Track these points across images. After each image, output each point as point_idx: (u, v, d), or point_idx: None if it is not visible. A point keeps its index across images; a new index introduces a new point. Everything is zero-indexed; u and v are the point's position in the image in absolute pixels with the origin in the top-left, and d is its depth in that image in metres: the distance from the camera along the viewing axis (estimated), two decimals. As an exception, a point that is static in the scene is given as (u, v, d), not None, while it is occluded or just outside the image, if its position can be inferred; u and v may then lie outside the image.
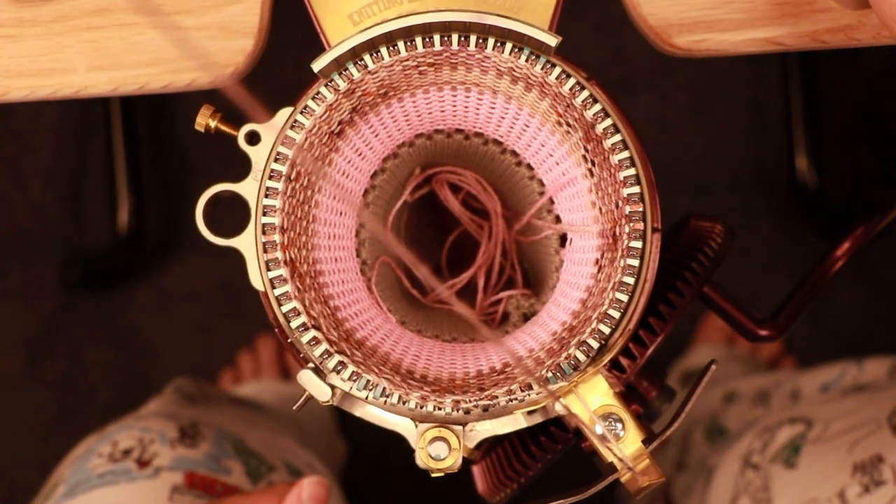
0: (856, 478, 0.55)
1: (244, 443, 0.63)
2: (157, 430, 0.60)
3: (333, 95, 0.39)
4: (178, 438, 0.60)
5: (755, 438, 0.67)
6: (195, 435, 0.61)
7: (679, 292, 0.43)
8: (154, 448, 0.59)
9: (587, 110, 0.39)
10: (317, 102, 0.39)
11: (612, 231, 0.40)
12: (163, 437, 0.60)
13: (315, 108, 0.39)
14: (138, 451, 0.59)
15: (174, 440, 0.60)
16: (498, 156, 0.48)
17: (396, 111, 0.44)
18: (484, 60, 0.40)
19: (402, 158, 0.48)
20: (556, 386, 0.39)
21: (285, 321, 0.39)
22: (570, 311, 0.42)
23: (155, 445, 0.59)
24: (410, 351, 0.43)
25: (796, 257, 1.02)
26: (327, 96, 0.39)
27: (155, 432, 0.60)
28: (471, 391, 0.40)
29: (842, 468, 0.57)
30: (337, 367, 0.39)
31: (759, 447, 0.66)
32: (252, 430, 0.67)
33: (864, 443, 0.57)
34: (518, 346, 0.43)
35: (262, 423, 0.74)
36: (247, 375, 1.01)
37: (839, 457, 0.58)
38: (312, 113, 0.39)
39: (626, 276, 0.39)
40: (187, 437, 0.61)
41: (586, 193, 0.42)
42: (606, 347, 0.39)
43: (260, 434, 0.68)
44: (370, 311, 0.45)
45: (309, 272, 0.41)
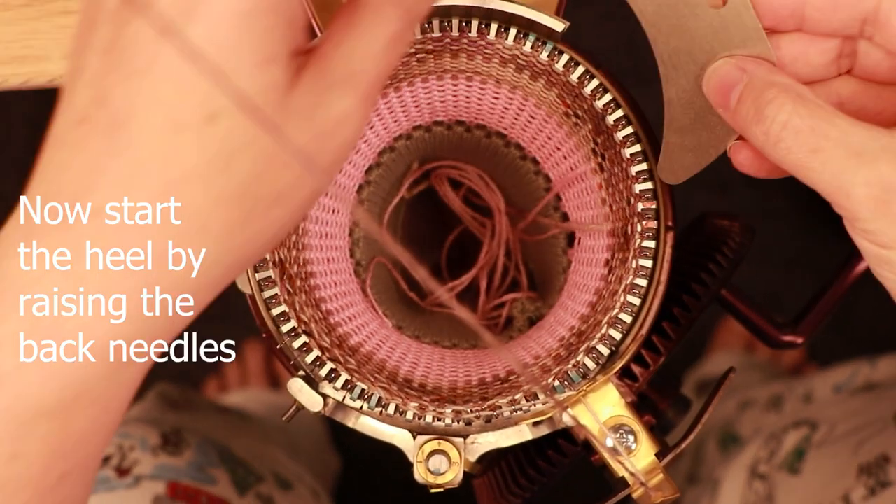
0: (861, 480, 0.55)
1: (230, 451, 0.63)
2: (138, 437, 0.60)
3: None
4: (161, 445, 0.60)
5: (762, 446, 0.67)
6: (178, 442, 0.61)
7: (695, 295, 0.43)
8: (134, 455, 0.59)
9: (597, 101, 0.39)
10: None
11: (623, 230, 0.40)
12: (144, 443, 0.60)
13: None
14: (117, 459, 0.59)
15: (156, 447, 0.60)
16: (502, 149, 0.48)
17: (393, 101, 0.44)
18: (487, 47, 0.40)
19: (399, 152, 0.48)
20: (563, 395, 0.39)
21: (274, 326, 0.39)
22: (579, 315, 0.42)
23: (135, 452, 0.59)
24: (408, 358, 0.43)
25: (820, 258, 1.02)
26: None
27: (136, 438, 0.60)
28: (473, 401, 0.40)
29: (846, 471, 0.57)
30: (329, 375, 0.39)
31: (765, 455, 0.66)
32: (239, 438, 0.67)
33: (869, 443, 0.57)
34: (523, 352, 0.43)
35: (249, 431, 0.74)
36: (233, 383, 1.01)
37: (844, 459, 0.58)
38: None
39: (639, 278, 0.39)
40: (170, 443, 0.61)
41: (596, 189, 0.42)
42: (617, 354, 0.39)
43: (247, 442, 0.68)
44: (365, 316, 0.45)
45: (299, 274, 0.41)
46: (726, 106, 0.35)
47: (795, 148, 0.32)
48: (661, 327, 0.41)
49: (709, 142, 0.36)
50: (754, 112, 0.33)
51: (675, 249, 0.39)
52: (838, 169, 0.32)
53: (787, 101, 0.32)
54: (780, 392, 0.81)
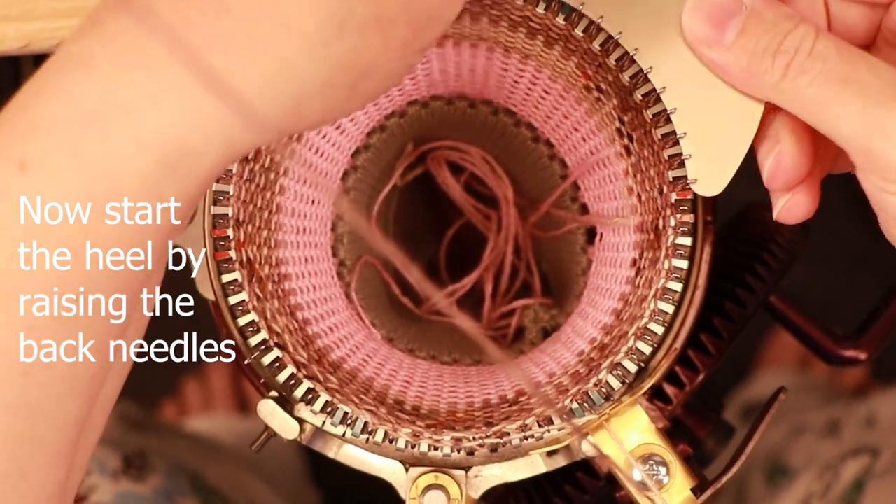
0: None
1: (203, 478, 0.63)
2: (96, 459, 0.61)
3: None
4: (122, 469, 0.61)
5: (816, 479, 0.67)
6: (143, 466, 0.61)
7: (739, 302, 0.42)
8: (92, 481, 0.59)
9: (624, 72, 0.38)
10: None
11: (653, 224, 0.40)
12: (103, 467, 0.60)
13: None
14: None
15: (117, 471, 0.60)
16: (511, 129, 0.48)
17: (382, 72, 0.44)
18: (493, 7, 0.40)
19: (390, 131, 0.48)
20: (583, 420, 0.39)
21: (241, 338, 0.39)
22: (601, 326, 0.42)
23: (93, 477, 0.59)
24: (399, 375, 0.43)
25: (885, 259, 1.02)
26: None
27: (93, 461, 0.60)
28: (476, 426, 0.39)
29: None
30: (306, 396, 0.39)
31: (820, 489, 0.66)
32: (212, 465, 0.67)
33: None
34: (535, 369, 0.43)
35: (223, 457, 0.75)
36: (194, 407, 1.02)
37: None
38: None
39: (672, 281, 0.39)
40: (133, 467, 0.61)
41: (621, 176, 0.42)
42: (647, 371, 0.39)
43: (222, 470, 0.68)
44: (349, 326, 0.45)
45: (271, 276, 0.41)
46: (719, 41, 0.35)
47: (822, 78, 0.33)
48: (699, 340, 0.41)
49: (732, 125, 0.37)
50: (769, 41, 0.33)
51: (715, 247, 0.39)
52: (872, 102, 0.32)
53: (811, 29, 0.33)
54: (839, 416, 0.81)
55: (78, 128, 0.28)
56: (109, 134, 0.28)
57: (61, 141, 0.28)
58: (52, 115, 0.28)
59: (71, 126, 0.28)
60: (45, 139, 0.28)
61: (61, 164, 0.28)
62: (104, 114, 0.28)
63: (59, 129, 0.28)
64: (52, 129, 0.28)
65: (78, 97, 0.28)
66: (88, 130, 0.28)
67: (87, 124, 0.28)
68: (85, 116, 0.28)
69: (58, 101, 0.28)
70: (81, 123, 0.28)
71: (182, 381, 1.05)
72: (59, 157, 0.28)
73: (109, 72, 0.28)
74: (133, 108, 0.28)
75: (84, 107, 0.28)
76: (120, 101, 0.28)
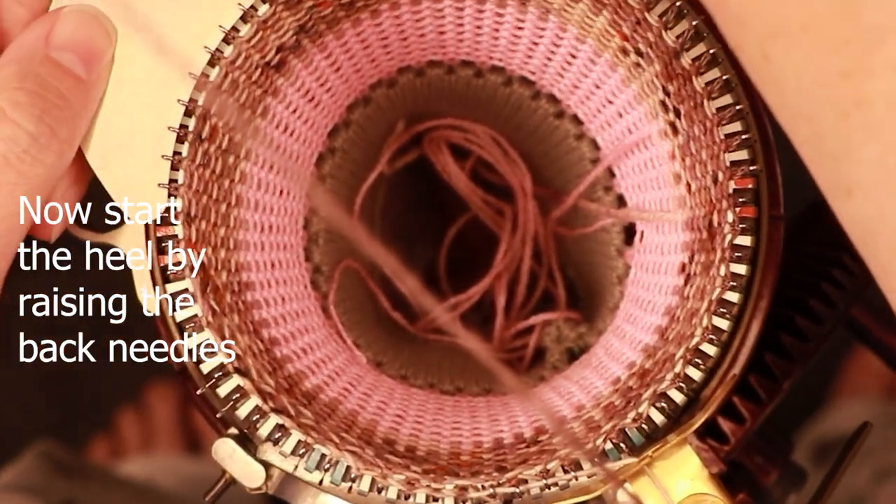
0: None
1: None
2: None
3: (268, 6, 0.39)
4: None
5: None
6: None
7: (813, 316, 0.43)
8: None
9: (669, 30, 0.39)
10: (243, 19, 0.39)
11: (707, 220, 0.40)
12: None
13: (240, 29, 0.39)
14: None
15: None
16: (528, 102, 0.48)
17: (369, 32, 0.44)
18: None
19: (376, 105, 0.48)
20: (619, 464, 0.39)
21: (192, 362, 0.39)
22: (642, 347, 0.42)
23: None
24: (390, 408, 0.43)
25: None
26: (259, 8, 0.39)
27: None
28: (485, 472, 0.40)
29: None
30: (274, 435, 0.39)
31: None
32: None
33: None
34: (559, 400, 0.43)
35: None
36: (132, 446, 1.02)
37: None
38: (235, 35, 0.39)
39: (729, 292, 0.39)
40: None
41: (666, 160, 0.42)
42: (698, 403, 0.39)
43: None
44: (327, 346, 0.45)
45: (230, 285, 0.41)
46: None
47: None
48: (763, 364, 0.41)
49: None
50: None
51: (783, 249, 0.39)
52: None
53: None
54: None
55: None
56: None
57: None
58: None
59: None
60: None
61: None
62: None
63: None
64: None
65: None
66: None
67: None
68: None
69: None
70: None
71: (117, 413, 1.05)
72: None
73: None
74: None
75: None
76: None
